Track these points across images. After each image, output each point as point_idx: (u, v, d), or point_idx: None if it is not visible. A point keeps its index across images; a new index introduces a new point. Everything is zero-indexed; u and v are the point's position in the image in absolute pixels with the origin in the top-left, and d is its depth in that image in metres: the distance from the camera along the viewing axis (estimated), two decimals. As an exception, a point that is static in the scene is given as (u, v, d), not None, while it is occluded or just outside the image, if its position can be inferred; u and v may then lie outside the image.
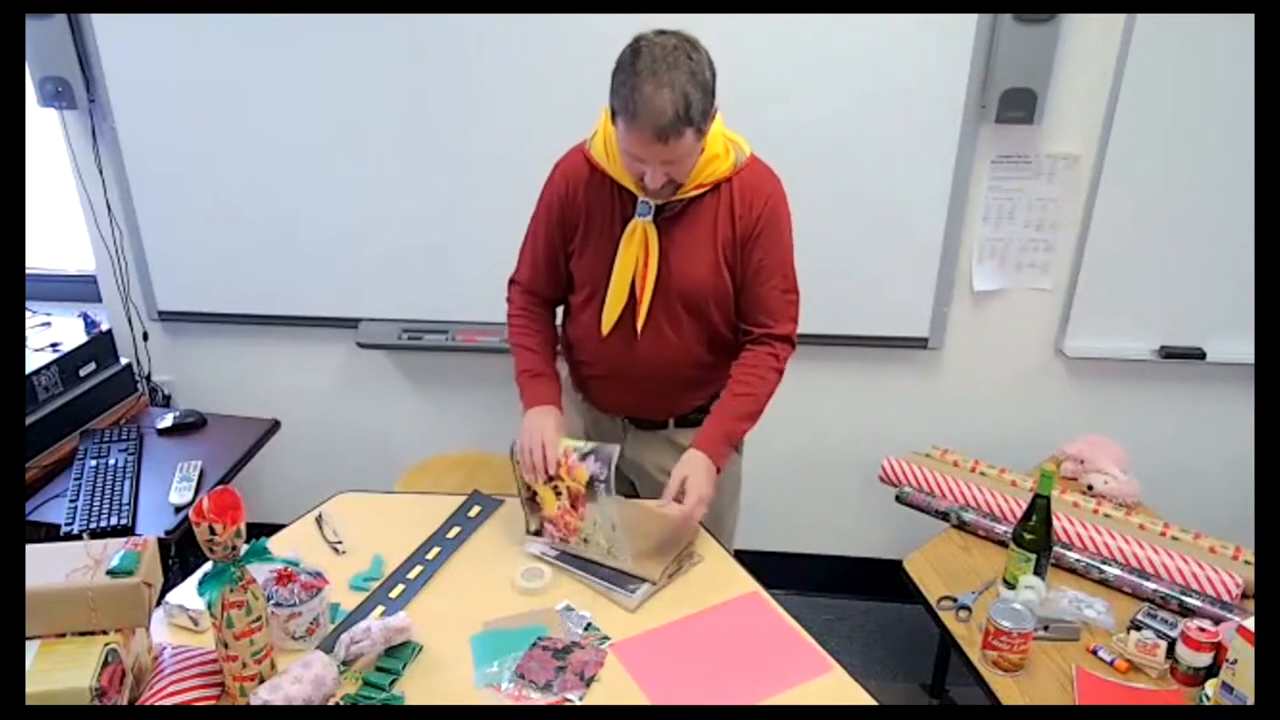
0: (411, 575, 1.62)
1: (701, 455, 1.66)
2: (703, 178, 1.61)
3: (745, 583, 1.62)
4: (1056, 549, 1.93)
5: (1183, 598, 1.82)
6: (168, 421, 2.42)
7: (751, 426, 1.74)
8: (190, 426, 2.43)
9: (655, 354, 1.74)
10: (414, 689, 1.37)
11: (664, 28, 1.50)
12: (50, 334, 2.50)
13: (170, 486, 2.13)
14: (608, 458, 1.60)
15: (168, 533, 1.99)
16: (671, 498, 1.63)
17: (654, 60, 1.43)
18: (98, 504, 2.06)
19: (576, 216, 1.71)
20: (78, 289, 2.74)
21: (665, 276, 1.67)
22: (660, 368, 1.76)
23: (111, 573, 1.28)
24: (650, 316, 1.70)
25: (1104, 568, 1.92)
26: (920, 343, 2.51)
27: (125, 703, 1.28)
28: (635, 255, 1.65)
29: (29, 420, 2.21)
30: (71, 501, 2.08)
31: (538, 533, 1.73)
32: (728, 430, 1.71)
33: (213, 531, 1.24)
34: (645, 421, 1.88)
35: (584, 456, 1.63)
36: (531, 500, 1.72)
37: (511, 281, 1.87)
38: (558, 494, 1.67)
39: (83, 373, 2.39)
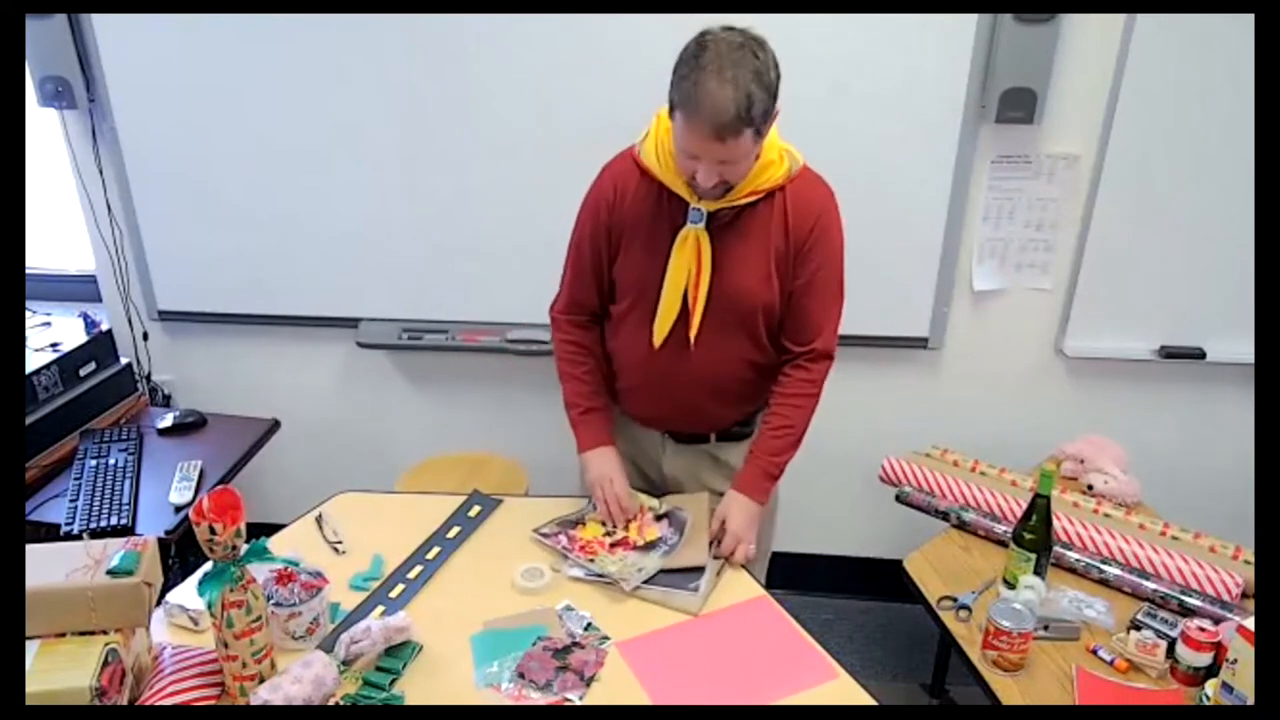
0: (411, 575, 1.62)
1: (741, 496, 1.68)
2: (756, 184, 1.58)
3: (752, 587, 1.62)
4: (1056, 549, 1.93)
5: (1183, 597, 1.82)
6: (168, 421, 2.42)
7: (793, 455, 1.75)
8: (190, 426, 2.43)
9: (703, 367, 1.69)
10: (414, 689, 1.37)
11: (731, 24, 1.48)
12: (50, 334, 2.50)
13: (170, 486, 2.13)
14: (681, 524, 1.64)
15: (168, 533, 1.99)
16: (712, 537, 1.66)
17: (719, 56, 1.40)
18: (98, 504, 2.06)
19: (623, 220, 1.67)
20: (78, 289, 2.74)
21: (716, 286, 1.63)
22: (706, 381, 1.72)
23: (111, 573, 1.28)
24: (701, 327, 1.65)
25: (1104, 567, 1.92)
26: (920, 343, 2.51)
27: (125, 702, 1.28)
28: (687, 264, 1.60)
29: (29, 420, 2.21)
30: (71, 501, 2.08)
31: (546, 535, 1.72)
32: (767, 469, 1.72)
33: (213, 531, 1.24)
34: (685, 435, 1.83)
35: (659, 518, 1.68)
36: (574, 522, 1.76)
37: (555, 303, 1.83)
38: (608, 532, 1.71)
39: (83, 373, 2.39)
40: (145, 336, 2.71)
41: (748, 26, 1.49)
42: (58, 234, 2.72)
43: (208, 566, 1.30)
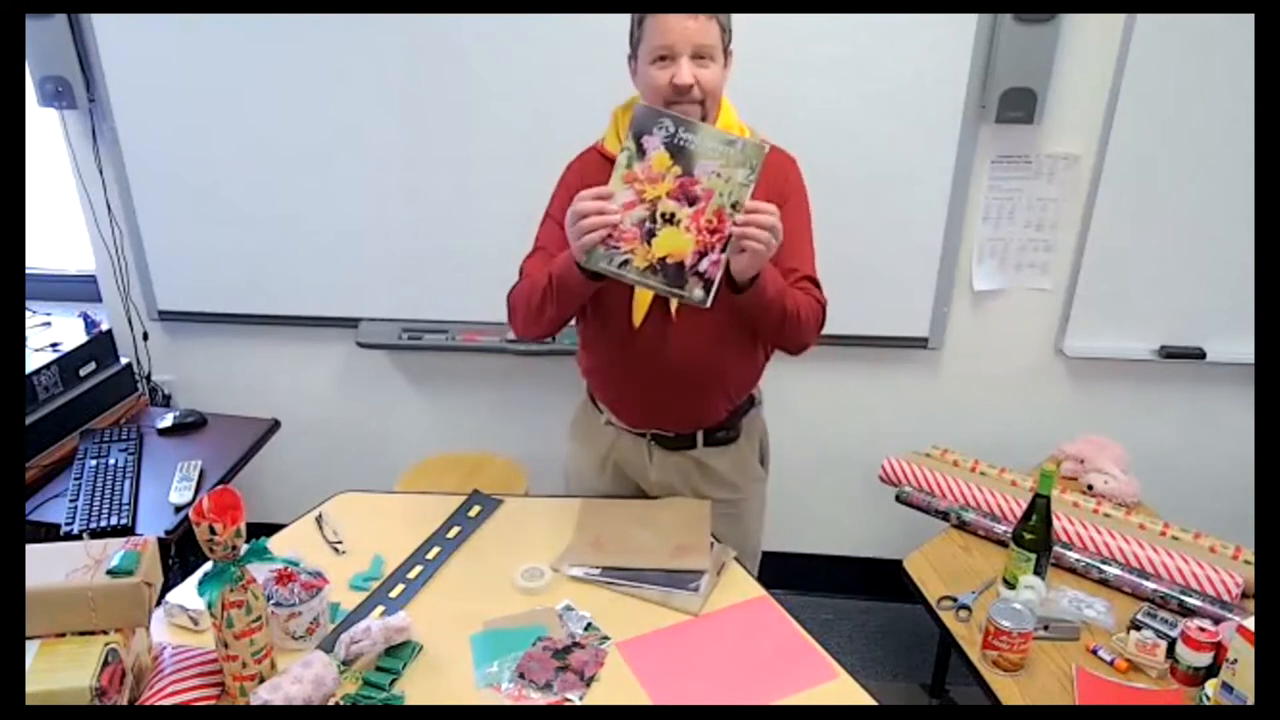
0: (411, 575, 1.62)
1: None
2: None
3: (753, 588, 1.62)
4: (1056, 549, 1.93)
5: (1183, 597, 1.82)
6: (168, 421, 2.43)
7: (786, 304, 1.56)
8: (190, 426, 2.43)
9: (686, 343, 1.64)
10: (414, 689, 1.37)
11: None
12: (50, 334, 2.50)
13: (170, 486, 2.14)
14: (648, 116, 1.42)
15: (168, 532, 1.99)
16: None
17: None
18: (98, 504, 2.06)
19: None
20: (78, 289, 2.74)
21: None
22: (690, 361, 1.66)
23: (111, 572, 1.28)
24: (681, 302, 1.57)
25: (1104, 567, 1.92)
26: (920, 343, 2.51)
27: (125, 702, 1.28)
28: None
29: (29, 420, 2.21)
30: (71, 501, 2.08)
31: (703, 279, 1.45)
32: (771, 276, 1.53)
33: (213, 531, 1.24)
34: (672, 440, 1.80)
35: (637, 156, 1.43)
36: (675, 272, 1.46)
37: (515, 286, 1.73)
38: (674, 221, 1.44)
39: (83, 373, 2.40)
40: (145, 336, 2.71)
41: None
42: (58, 234, 2.72)
43: (208, 566, 1.30)
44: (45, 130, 2.53)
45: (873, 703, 1.38)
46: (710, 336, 1.67)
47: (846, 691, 1.40)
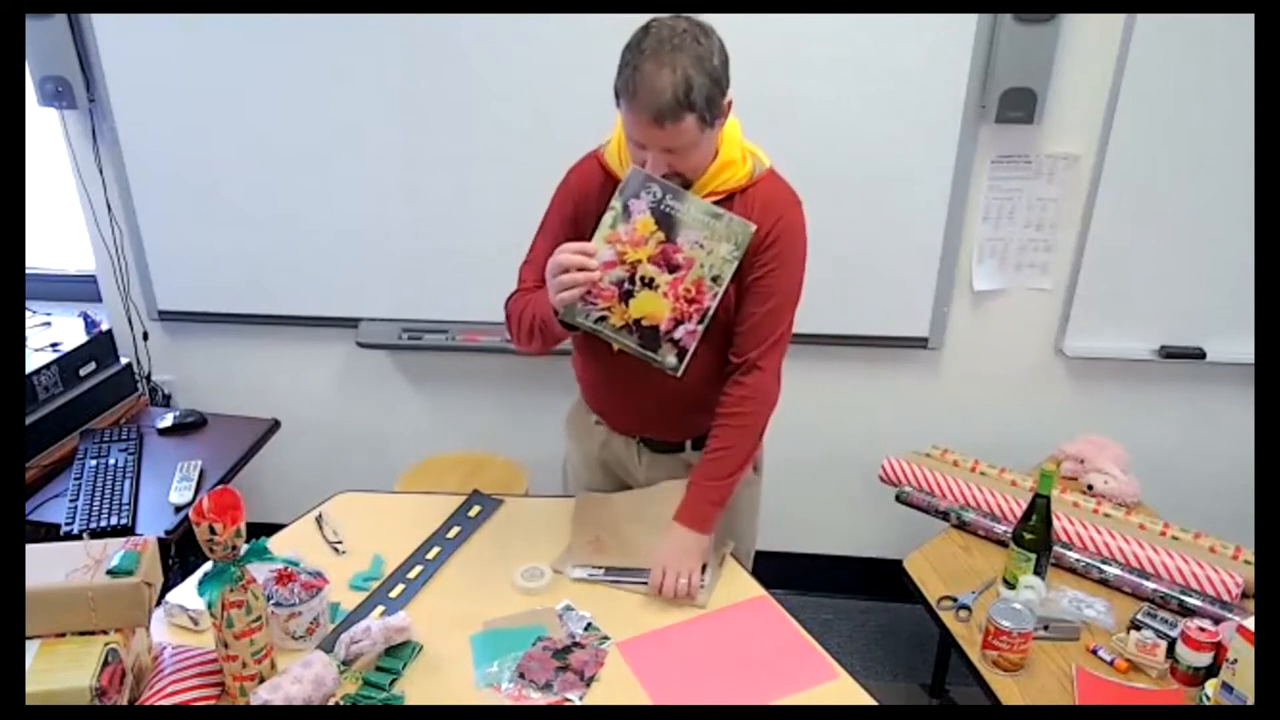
0: (411, 575, 1.62)
1: (678, 527, 1.60)
2: (715, 185, 1.54)
3: (753, 588, 1.62)
4: (1056, 549, 1.93)
5: (1183, 597, 1.82)
6: (168, 421, 2.43)
7: (740, 477, 1.65)
8: (190, 426, 2.43)
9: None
10: (414, 689, 1.37)
11: (691, 14, 1.45)
12: (50, 334, 2.50)
13: (170, 486, 2.14)
14: (638, 180, 1.45)
15: (168, 532, 1.99)
16: (656, 585, 1.56)
17: (659, 42, 1.39)
18: (98, 504, 2.06)
19: (590, 219, 1.62)
20: (78, 289, 2.74)
21: None
22: (680, 386, 1.63)
23: (111, 572, 1.28)
24: None
25: (1104, 567, 1.92)
26: (920, 343, 2.51)
27: (125, 702, 1.28)
28: None
29: (29, 420, 2.21)
30: (71, 501, 2.08)
31: (677, 349, 1.52)
32: (708, 495, 1.62)
33: (213, 531, 1.24)
34: (661, 444, 1.80)
35: (622, 218, 1.46)
36: (650, 334, 1.50)
37: (511, 295, 1.73)
38: (652, 285, 1.48)
39: (83, 373, 2.40)
40: (145, 336, 2.71)
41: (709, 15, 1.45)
42: (58, 234, 2.72)
43: (208, 566, 1.30)
44: (45, 130, 2.53)
45: (873, 703, 1.38)
46: (700, 362, 1.63)
47: (846, 691, 1.40)
